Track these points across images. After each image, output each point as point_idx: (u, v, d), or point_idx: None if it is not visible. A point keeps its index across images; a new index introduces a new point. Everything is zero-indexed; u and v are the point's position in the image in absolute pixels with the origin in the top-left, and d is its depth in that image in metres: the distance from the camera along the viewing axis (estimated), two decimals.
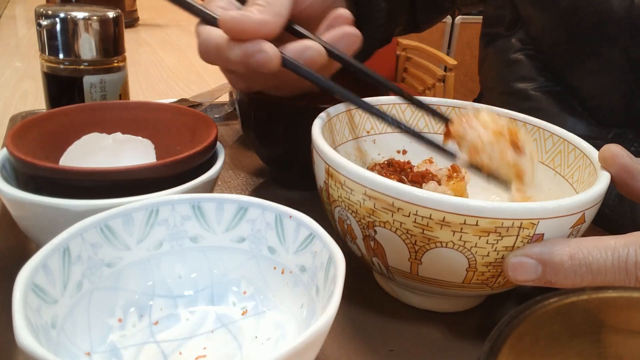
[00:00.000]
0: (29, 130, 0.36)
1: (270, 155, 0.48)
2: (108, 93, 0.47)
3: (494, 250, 0.28)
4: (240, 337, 0.28)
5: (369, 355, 0.30)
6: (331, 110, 0.38)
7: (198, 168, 0.35)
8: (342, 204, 0.31)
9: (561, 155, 0.37)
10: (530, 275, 0.27)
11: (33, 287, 0.23)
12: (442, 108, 0.43)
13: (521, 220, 0.27)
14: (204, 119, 0.40)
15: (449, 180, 0.40)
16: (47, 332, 0.23)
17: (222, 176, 0.50)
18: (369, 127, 0.42)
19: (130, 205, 0.29)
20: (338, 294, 0.23)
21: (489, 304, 0.35)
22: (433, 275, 0.30)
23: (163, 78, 0.86)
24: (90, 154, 0.39)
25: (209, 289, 0.31)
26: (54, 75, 0.46)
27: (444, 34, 3.10)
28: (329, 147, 0.32)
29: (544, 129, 0.39)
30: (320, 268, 0.27)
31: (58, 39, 0.44)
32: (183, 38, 1.13)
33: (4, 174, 0.33)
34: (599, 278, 0.26)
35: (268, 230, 0.30)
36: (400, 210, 0.28)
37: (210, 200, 0.30)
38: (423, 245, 0.28)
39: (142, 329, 0.28)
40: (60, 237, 0.26)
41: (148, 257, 0.30)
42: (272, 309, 0.30)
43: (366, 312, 0.34)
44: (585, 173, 0.34)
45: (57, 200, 0.29)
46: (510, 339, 0.17)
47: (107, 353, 0.26)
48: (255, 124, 0.46)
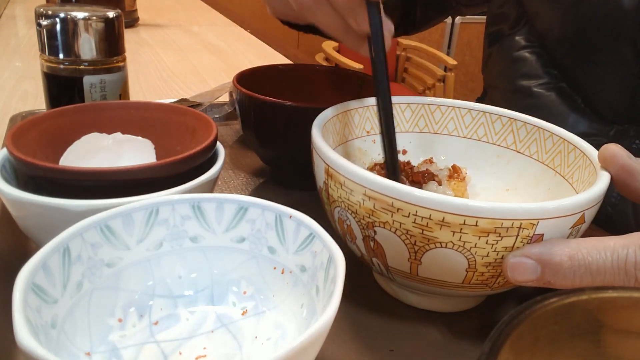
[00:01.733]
0: (29, 130, 0.36)
1: (270, 155, 0.48)
2: (108, 93, 0.47)
3: (493, 251, 0.28)
4: (240, 337, 0.28)
5: (369, 355, 0.30)
6: (331, 110, 0.38)
7: (198, 168, 0.35)
8: (341, 204, 0.31)
9: (561, 155, 0.37)
10: (530, 275, 0.27)
11: (33, 287, 0.23)
12: (442, 108, 0.43)
13: (521, 220, 0.27)
14: (204, 119, 0.40)
15: (450, 180, 0.40)
16: (47, 332, 0.23)
17: (222, 176, 0.50)
18: (369, 127, 0.42)
19: (130, 205, 0.29)
20: (338, 294, 0.23)
21: (489, 304, 0.35)
22: (433, 276, 0.30)
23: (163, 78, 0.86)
24: (90, 154, 0.39)
25: (209, 289, 0.31)
26: (54, 75, 0.46)
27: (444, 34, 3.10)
28: (328, 147, 0.32)
29: (544, 129, 0.39)
30: (320, 268, 0.27)
31: (58, 39, 0.44)
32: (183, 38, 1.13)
33: (4, 174, 0.33)
34: (599, 279, 0.26)
35: (268, 230, 0.30)
36: (400, 211, 0.28)
37: (210, 200, 0.30)
38: (423, 245, 0.28)
39: (142, 329, 0.28)
40: (60, 237, 0.26)
41: (148, 257, 0.30)
42: (272, 309, 0.30)
43: (366, 312, 0.34)
44: (585, 173, 0.34)
45: (57, 200, 0.29)
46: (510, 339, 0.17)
47: (107, 353, 0.26)
48: (255, 124, 0.46)
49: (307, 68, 0.56)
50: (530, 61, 0.55)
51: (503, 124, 0.41)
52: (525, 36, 0.56)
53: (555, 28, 0.52)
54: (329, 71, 0.56)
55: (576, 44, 0.50)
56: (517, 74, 0.56)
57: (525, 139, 0.40)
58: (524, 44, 0.56)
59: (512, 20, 0.58)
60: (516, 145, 0.40)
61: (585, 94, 0.52)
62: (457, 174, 0.41)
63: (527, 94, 0.54)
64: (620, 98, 0.49)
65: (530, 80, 0.55)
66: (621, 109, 0.49)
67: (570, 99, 0.52)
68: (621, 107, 0.49)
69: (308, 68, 0.56)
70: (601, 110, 0.51)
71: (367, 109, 0.41)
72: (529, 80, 0.55)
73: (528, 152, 0.40)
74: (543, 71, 0.54)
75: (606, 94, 0.50)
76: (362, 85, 0.52)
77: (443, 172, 0.41)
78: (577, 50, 0.51)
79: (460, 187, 0.40)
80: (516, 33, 0.57)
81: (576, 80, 0.52)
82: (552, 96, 0.53)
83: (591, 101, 0.51)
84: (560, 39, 0.52)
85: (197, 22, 1.31)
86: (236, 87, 0.46)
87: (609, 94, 0.50)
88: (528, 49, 0.56)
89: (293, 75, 0.55)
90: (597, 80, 0.50)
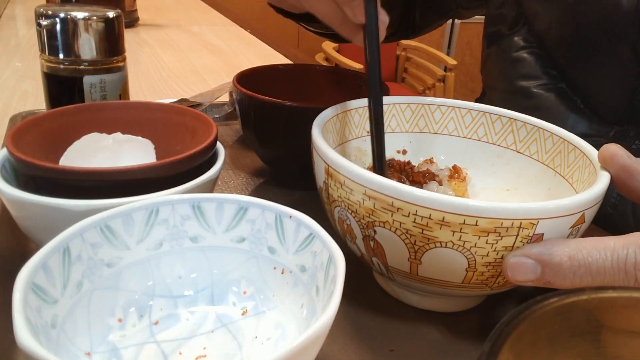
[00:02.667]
0: (29, 130, 0.36)
1: (270, 155, 0.48)
2: (108, 93, 0.47)
3: (493, 250, 0.28)
4: (240, 337, 0.28)
5: (369, 355, 0.30)
6: (331, 110, 0.38)
7: (198, 168, 0.35)
8: (341, 204, 0.31)
9: (561, 155, 0.37)
10: (530, 275, 0.27)
11: (33, 287, 0.23)
12: (442, 108, 0.43)
13: (521, 220, 0.27)
14: (204, 119, 0.40)
15: (450, 180, 0.40)
16: (47, 332, 0.23)
17: (222, 176, 0.50)
18: (369, 127, 0.42)
19: (130, 205, 0.29)
20: (338, 294, 0.23)
21: (489, 304, 0.35)
22: (433, 275, 0.30)
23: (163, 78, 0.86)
24: (90, 154, 0.39)
25: (209, 289, 0.31)
26: (54, 75, 0.46)
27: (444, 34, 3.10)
28: (328, 147, 0.32)
29: (544, 129, 0.39)
30: (320, 268, 0.27)
31: (58, 39, 0.44)
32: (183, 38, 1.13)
33: (4, 174, 0.33)
34: (598, 279, 0.26)
35: (268, 230, 0.30)
36: (400, 210, 0.28)
37: (210, 200, 0.30)
38: (423, 245, 0.28)
39: (142, 329, 0.28)
40: (60, 237, 0.26)
41: (148, 257, 0.30)
42: (272, 309, 0.30)
43: (366, 312, 0.34)
44: (585, 173, 0.34)
45: (57, 200, 0.29)
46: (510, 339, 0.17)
47: (107, 353, 0.26)
48: (255, 124, 0.46)
49: (307, 68, 0.56)
50: (529, 62, 0.55)
51: (503, 124, 0.41)
52: (524, 37, 0.56)
53: (554, 28, 0.52)
54: (329, 71, 0.56)
55: (575, 45, 0.50)
56: (516, 74, 0.56)
57: (525, 139, 0.40)
58: (523, 44, 0.56)
59: (511, 20, 0.58)
60: (516, 145, 0.40)
61: (584, 95, 0.52)
62: (458, 174, 0.41)
63: (526, 95, 0.54)
64: (619, 99, 0.49)
65: (529, 81, 0.55)
66: (620, 110, 0.49)
67: (569, 100, 0.52)
68: (620, 108, 0.49)
69: (308, 68, 0.56)
70: (600, 111, 0.51)
71: (367, 109, 0.41)
72: (528, 80, 0.55)
73: (528, 152, 0.40)
74: (542, 72, 0.54)
75: (605, 95, 0.50)
76: (362, 85, 0.52)
77: (444, 172, 0.41)
78: (575, 51, 0.51)
79: (461, 187, 0.40)
80: (515, 34, 0.57)
81: (575, 81, 0.52)
82: (551, 97, 0.53)
83: (590, 102, 0.51)
84: (558, 39, 0.52)
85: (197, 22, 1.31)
86: (236, 87, 0.46)
87: (608, 94, 0.50)
88: (527, 49, 0.56)
89: (293, 75, 0.55)
90: (596, 81, 0.50)
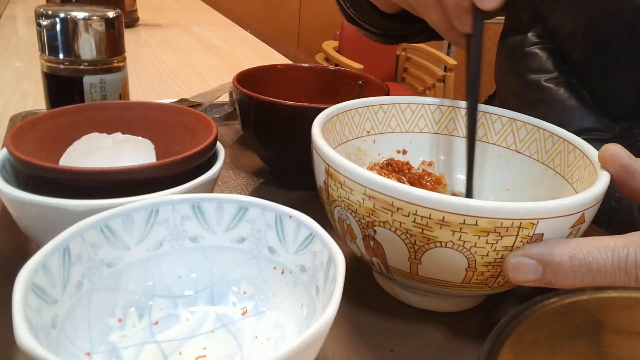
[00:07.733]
0: (29, 130, 0.36)
1: (270, 155, 0.48)
2: (108, 93, 0.47)
3: (493, 250, 0.28)
4: (240, 337, 0.28)
5: (369, 355, 0.30)
6: (331, 110, 0.38)
7: (198, 168, 0.35)
8: (341, 203, 0.31)
9: (561, 155, 0.37)
10: (530, 275, 0.27)
11: (33, 287, 0.23)
12: (442, 108, 0.43)
13: (521, 220, 0.27)
14: (204, 119, 0.40)
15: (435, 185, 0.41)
16: (47, 332, 0.23)
17: (222, 176, 0.50)
18: (369, 127, 0.42)
19: (130, 205, 0.29)
20: (338, 294, 0.23)
21: (489, 304, 0.35)
22: (433, 275, 0.30)
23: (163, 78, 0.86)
24: (90, 154, 0.39)
25: (209, 289, 0.31)
26: (54, 75, 0.46)
27: None
28: (328, 147, 0.32)
29: (544, 129, 0.39)
30: (320, 268, 0.27)
31: (58, 39, 0.44)
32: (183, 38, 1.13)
33: (4, 174, 0.33)
34: (599, 278, 0.26)
35: (268, 230, 0.30)
36: (400, 210, 0.28)
37: (210, 200, 0.30)
38: (422, 245, 0.28)
39: (142, 329, 0.28)
40: (60, 237, 0.26)
41: (148, 257, 0.30)
42: (272, 309, 0.30)
43: (366, 312, 0.34)
44: (585, 173, 0.34)
45: (57, 200, 0.29)
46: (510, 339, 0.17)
47: (107, 353, 0.26)
48: (255, 124, 0.46)
49: (307, 68, 0.56)
50: (541, 57, 0.56)
51: (503, 124, 0.41)
52: (538, 33, 0.57)
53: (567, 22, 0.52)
54: (329, 71, 0.56)
55: (587, 39, 0.51)
56: (528, 68, 0.56)
57: (525, 139, 0.40)
58: (536, 40, 0.56)
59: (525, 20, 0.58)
60: (516, 146, 0.40)
61: (593, 89, 0.52)
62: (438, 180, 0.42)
63: (536, 88, 0.55)
64: (627, 94, 0.49)
65: (539, 75, 0.55)
66: (628, 105, 0.49)
67: (578, 94, 0.53)
68: (628, 103, 0.49)
69: (308, 68, 0.56)
70: (608, 105, 0.51)
71: (367, 109, 0.41)
72: (539, 74, 0.55)
73: (528, 152, 0.40)
74: (554, 66, 0.54)
75: (614, 90, 0.50)
76: (362, 85, 0.52)
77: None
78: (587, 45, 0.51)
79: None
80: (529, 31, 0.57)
81: (585, 75, 0.52)
82: (560, 91, 0.53)
83: (599, 97, 0.51)
84: (571, 33, 0.52)
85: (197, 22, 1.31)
86: (236, 87, 0.46)
87: (617, 89, 0.50)
88: (539, 45, 0.56)
89: (293, 75, 0.55)
90: (606, 76, 0.50)
